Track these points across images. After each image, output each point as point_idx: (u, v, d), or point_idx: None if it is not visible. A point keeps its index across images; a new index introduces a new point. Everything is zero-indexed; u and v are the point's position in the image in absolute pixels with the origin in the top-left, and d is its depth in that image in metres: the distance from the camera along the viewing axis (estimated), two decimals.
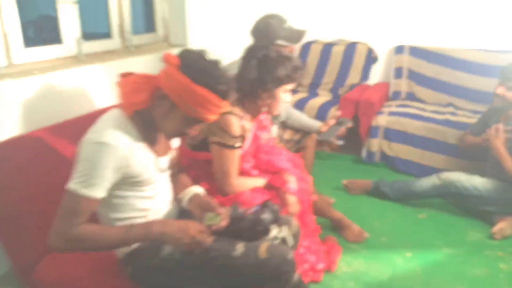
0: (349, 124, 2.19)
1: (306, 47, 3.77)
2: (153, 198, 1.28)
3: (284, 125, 2.36)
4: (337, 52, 3.63)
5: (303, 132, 2.36)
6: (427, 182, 2.47)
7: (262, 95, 1.53)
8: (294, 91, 3.63)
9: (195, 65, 1.15)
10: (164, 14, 2.51)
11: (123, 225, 1.18)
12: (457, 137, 2.78)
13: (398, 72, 3.45)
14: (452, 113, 3.06)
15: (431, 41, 3.37)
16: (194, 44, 2.52)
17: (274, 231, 1.27)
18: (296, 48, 3.85)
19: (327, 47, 3.69)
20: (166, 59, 1.16)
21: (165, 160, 1.31)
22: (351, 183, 2.73)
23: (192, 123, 1.23)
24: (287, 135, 2.35)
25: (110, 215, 1.23)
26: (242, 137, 1.56)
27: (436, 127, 2.87)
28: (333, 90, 3.60)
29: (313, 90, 3.66)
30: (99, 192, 1.10)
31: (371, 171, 3.06)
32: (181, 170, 1.48)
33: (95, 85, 1.92)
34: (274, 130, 2.22)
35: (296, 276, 1.27)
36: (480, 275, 1.92)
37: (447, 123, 2.88)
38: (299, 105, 3.32)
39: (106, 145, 1.08)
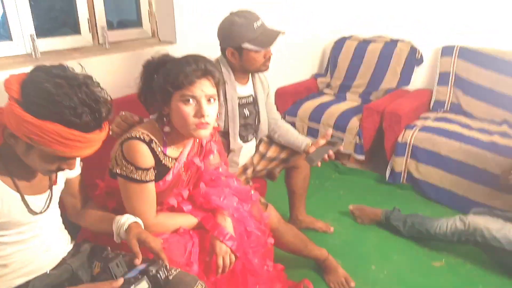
0: (339, 147, 1.78)
1: (339, 44, 3.30)
2: (20, 244, 1.06)
3: (270, 140, 2.01)
4: (373, 51, 3.12)
5: (292, 149, 1.99)
6: (448, 224, 1.96)
7: (165, 112, 1.25)
8: (320, 93, 3.23)
9: (39, 95, 0.89)
10: (150, 8, 2.26)
11: None
12: (503, 167, 2.20)
13: (444, 78, 2.86)
14: (504, 134, 2.45)
15: (486, 41, 2.72)
16: (182, 40, 2.25)
17: None
18: (327, 45, 3.42)
19: (363, 45, 3.19)
20: (5, 88, 0.91)
21: (40, 199, 1.08)
22: (359, 210, 2.30)
23: (62, 160, 0.98)
24: (272, 152, 1.99)
25: None
26: (161, 167, 1.26)
27: (477, 151, 2.31)
28: (364, 95, 3.12)
29: (341, 94, 3.20)
30: None
31: (394, 195, 2.59)
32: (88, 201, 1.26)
33: None
34: (249, 148, 1.89)
35: None
36: None
37: (492, 147, 2.29)
38: (318, 111, 2.92)
39: None
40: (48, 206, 1.11)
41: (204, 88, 1.22)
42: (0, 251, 1.03)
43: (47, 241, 1.13)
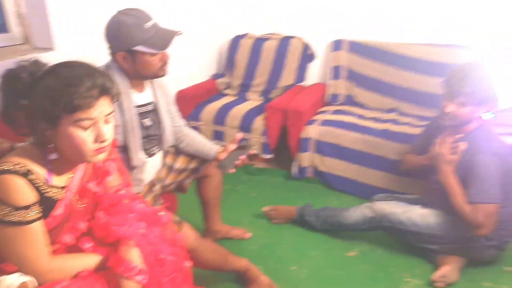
0: (252, 150, 1.71)
1: (235, 43, 3.25)
2: None
3: (177, 151, 1.86)
4: (269, 48, 3.13)
5: (202, 158, 1.86)
6: (357, 213, 2.03)
7: (49, 138, 1.03)
8: (221, 94, 3.14)
9: None
10: (18, 9, 1.93)
11: None
12: (397, 153, 2.36)
13: (336, 72, 2.99)
14: (395, 121, 2.63)
15: (373, 35, 2.91)
16: (61, 46, 1.96)
17: None
18: (223, 44, 3.34)
19: (258, 42, 3.18)
20: None
21: None
22: (274, 211, 2.27)
23: None
24: (180, 163, 1.84)
25: None
26: (46, 201, 1.05)
27: (373, 140, 2.44)
28: (264, 93, 3.11)
29: (242, 93, 3.16)
30: None
31: (304, 189, 2.63)
32: None
33: None
34: (155, 162, 1.72)
35: None
36: None
37: (385, 134, 2.45)
38: (222, 112, 2.83)
39: None
40: None
41: (103, 108, 1.03)
42: None
43: None
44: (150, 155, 1.69)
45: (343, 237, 2.12)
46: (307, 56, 3.09)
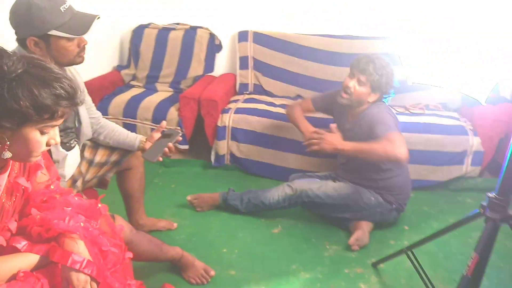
0: (179, 137, 1.70)
1: (139, 33, 3.15)
2: None
3: (95, 144, 1.76)
4: (175, 39, 3.10)
5: (123, 150, 1.79)
6: (278, 192, 2.16)
7: (1, 136, 0.93)
8: (127, 86, 3.01)
9: None
10: None
11: None
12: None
13: (243, 62, 3.09)
14: None
15: (276, 26, 3.08)
16: None
17: None
18: (125, 33, 3.20)
19: (164, 32, 3.13)
20: None
21: None
22: (197, 199, 2.29)
23: None
24: (100, 156, 1.75)
25: None
26: None
27: (284, 125, 2.60)
28: (174, 84, 3.08)
29: (150, 85, 3.08)
30: None
31: (222, 176, 2.68)
32: None
33: None
34: (74, 156, 1.61)
35: None
36: None
37: None
38: (132, 104, 2.74)
39: None
40: None
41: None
42: None
43: None
44: (69, 148, 1.58)
45: (266, 216, 2.24)
46: (214, 46, 3.13)
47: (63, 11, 1.38)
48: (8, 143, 0.92)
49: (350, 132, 2.06)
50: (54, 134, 0.99)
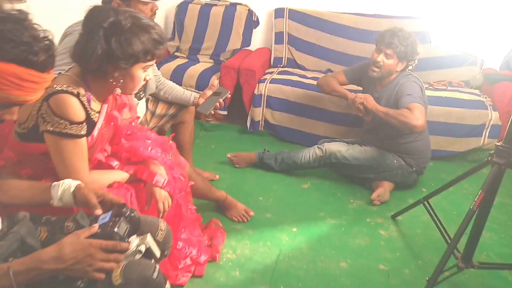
0: (228, 94, 1.97)
1: (183, 7, 3.40)
2: None
3: (156, 98, 2.05)
4: (216, 14, 3.34)
5: (179, 105, 2.08)
6: (309, 153, 2.42)
7: (113, 73, 1.20)
8: (172, 57, 3.29)
9: None
10: None
11: None
12: (336, 105, 2.78)
13: (279, 37, 3.32)
14: None
15: (310, 4, 3.28)
16: None
17: (134, 243, 1.00)
18: (170, 8, 3.47)
19: (206, 8, 3.37)
20: None
21: None
22: (236, 156, 2.57)
23: (5, 107, 0.88)
24: (160, 109, 2.05)
25: None
26: (89, 121, 1.22)
27: (315, 95, 2.83)
28: (214, 56, 3.34)
29: (193, 56, 3.35)
30: None
31: (256, 141, 2.94)
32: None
33: None
34: (143, 104, 1.90)
35: None
36: (362, 245, 1.93)
37: None
38: (177, 73, 3.02)
39: None
40: None
41: None
42: None
43: None
44: (139, 98, 1.86)
45: (297, 174, 2.50)
46: (252, 22, 3.36)
47: None
48: (122, 80, 1.20)
49: (378, 100, 2.28)
50: (148, 72, 1.26)
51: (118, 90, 1.24)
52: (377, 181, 2.36)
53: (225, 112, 3.04)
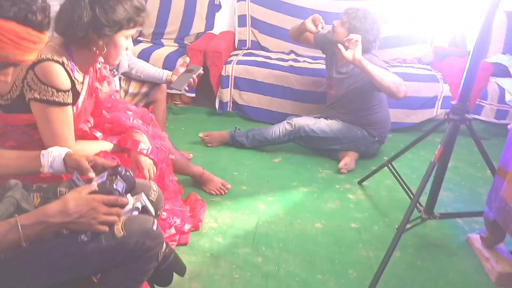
0: (200, 71, 2.02)
1: None
2: None
3: (128, 77, 2.06)
4: None
5: (151, 83, 2.10)
6: (279, 129, 2.52)
7: (97, 42, 1.23)
8: (136, 41, 3.27)
9: None
10: None
11: None
12: (301, 84, 2.89)
13: (242, 20, 3.39)
14: (295, 60, 3.17)
15: None
16: None
17: (130, 202, 1.05)
18: None
19: None
20: None
21: None
22: (208, 136, 2.63)
23: (1, 67, 0.90)
24: (133, 87, 2.07)
25: None
26: (74, 90, 1.25)
27: (281, 74, 2.94)
28: (178, 40, 3.36)
29: (157, 40, 3.35)
30: None
31: (225, 122, 3.00)
32: None
33: None
34: (117, 82, 1.92)
35: (165, 248, 1.10)
36: (334, 208, 2.07)
37: (291, 69, 2.97)
38: (143, 56, 2.98)
39: None
40: None
41: None
42: None
43: None
44: (113, 75, 1.88)
45: (268, 150, 2.60)
46: (214, 6, 3.40)
47: None
48: (106, 49, 1.23)
49: (342, 77, 2.41)
50: (129, 42, 1.30)
51: (101, 59, 1.26)
52: (343, 152, 2.51)
53: (193, 95, 3.08)
